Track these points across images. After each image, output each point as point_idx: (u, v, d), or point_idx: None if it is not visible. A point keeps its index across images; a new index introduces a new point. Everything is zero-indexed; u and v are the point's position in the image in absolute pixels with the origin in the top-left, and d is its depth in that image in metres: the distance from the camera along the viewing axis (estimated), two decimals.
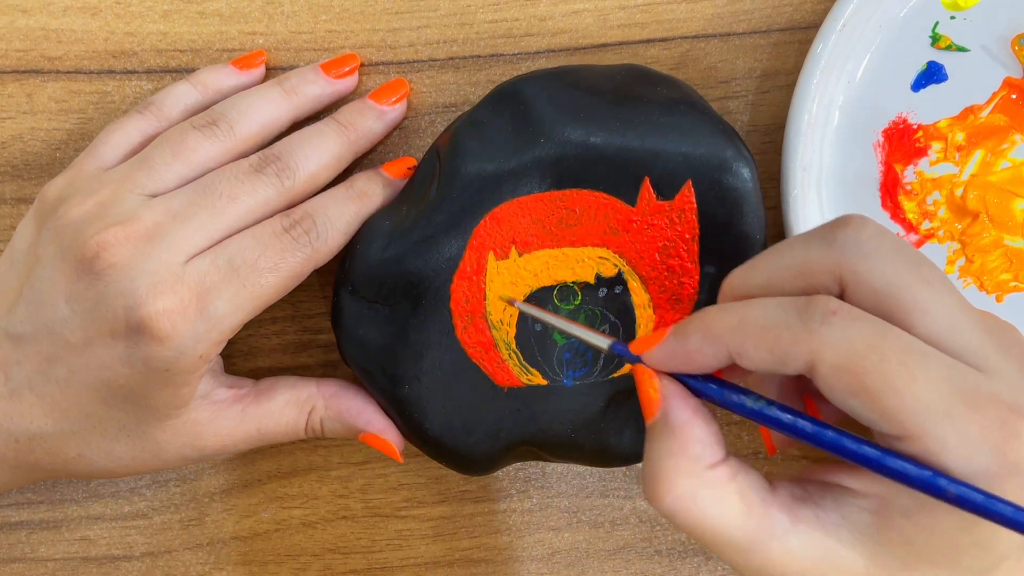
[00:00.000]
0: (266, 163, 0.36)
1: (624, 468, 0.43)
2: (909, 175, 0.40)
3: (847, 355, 0.26)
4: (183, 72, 0.41)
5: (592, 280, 0.37)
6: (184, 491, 0.43)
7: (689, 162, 0.36)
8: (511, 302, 0.36)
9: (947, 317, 0.27)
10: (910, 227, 0.40)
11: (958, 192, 0.40)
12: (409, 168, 0.39)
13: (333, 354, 0.42)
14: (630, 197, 0.36)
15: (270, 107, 0.38)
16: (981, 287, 0.40)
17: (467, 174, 0.36)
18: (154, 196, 0.36)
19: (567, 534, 0.43)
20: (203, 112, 0.38)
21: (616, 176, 0.36)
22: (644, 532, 0.43)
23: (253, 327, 0.42)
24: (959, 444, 0.26)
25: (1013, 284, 0.40)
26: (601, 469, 0.43)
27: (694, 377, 0.30)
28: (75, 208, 0.35)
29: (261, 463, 0.43)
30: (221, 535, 0.44)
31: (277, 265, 0.35)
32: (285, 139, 0.38)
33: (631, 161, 0.36)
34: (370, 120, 0.39)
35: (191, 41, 0.41)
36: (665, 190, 0.36)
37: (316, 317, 0.42)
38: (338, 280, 0.38)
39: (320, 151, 0.37)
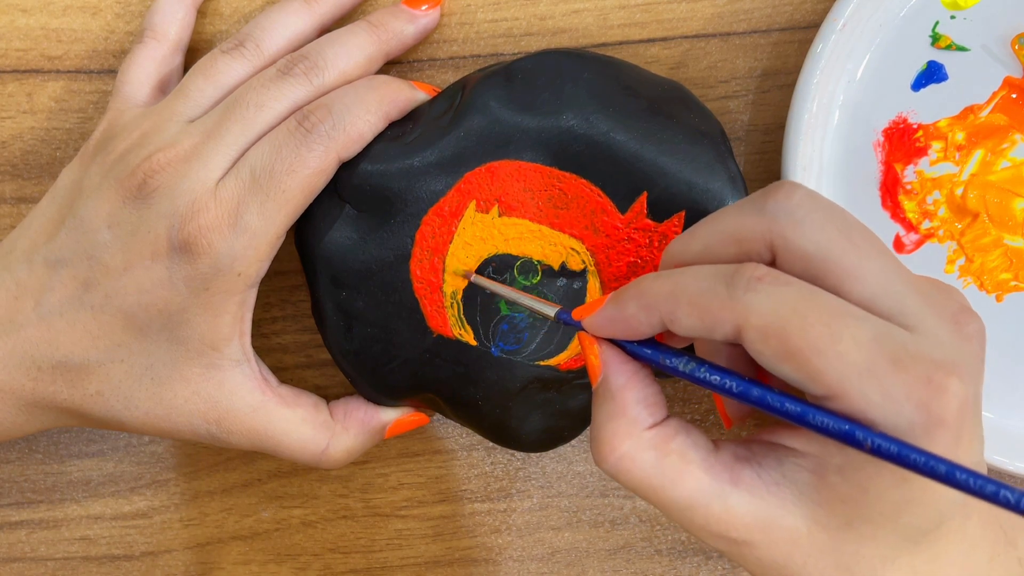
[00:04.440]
0: (292, 64, 0.36)
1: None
2: (909, 175, 0.40)
3: (772, 320, 0.27)
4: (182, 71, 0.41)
5: (556, 267, 0.37)
6: (184, 491, 0.43)
7: (690, 193, 0.36)
8: (466, 275, 0.36)
9: (877, 279, 0.28)
10: (910, 226, 0.40)
11: (958, 192, 0.40)
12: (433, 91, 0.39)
13: None
14: (623, 204, 0.36)
15: (293, 19, 0.38)
16: (981, 287, 0.40)
17: (481, 121, 0.36)
18: (190, 120, 0.36)
19: (567, 534, 0.43)
20: (232, 37, 0.38)
21: (619, 179, 0.36)
22: (644, 532, 0.43)
23: (253, 327, 0.42)
24: (884, 401, 0.26)
25: (1013, 284, 0.40)
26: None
27: (632, 341, 0.30)
28: (120, 143, 0.36)
29: (261, 463, 0.43)
30: (221, 535, 0.44)
31: (293, 166, 0.35)
32: (313, 41, 0.38)
33: (638, 171, 0.36)
34: (401, 22, 0.39)
35: (192, 40, 0.41)
36: (658, 212, 0.36)
37: None
38: None
39: (350, 49, 0.37)
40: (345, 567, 0.44)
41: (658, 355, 0.30)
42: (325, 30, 0.39)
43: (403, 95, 0.37)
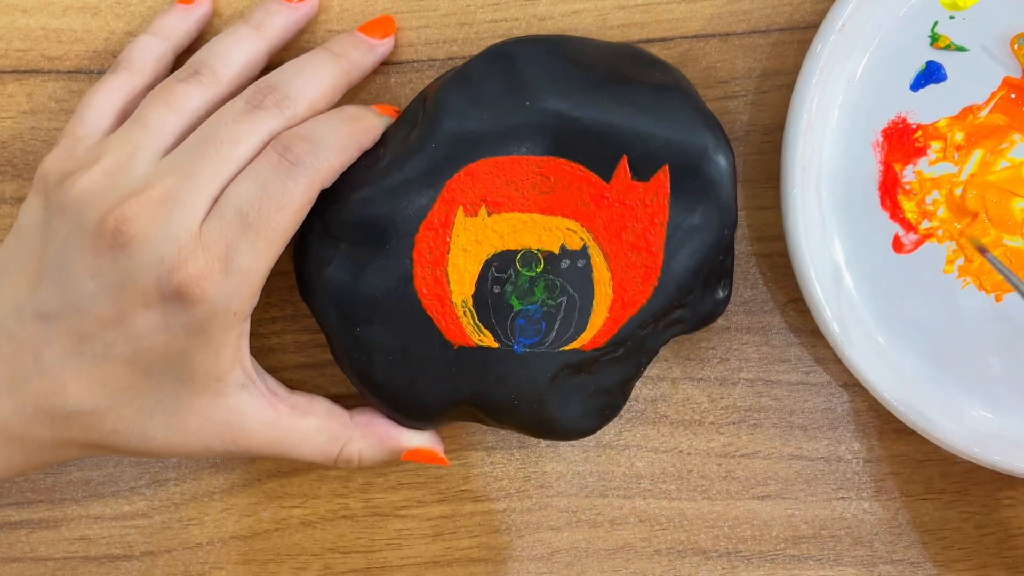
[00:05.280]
0: (263, 95, 0.36)
1: (624, 468, 0.43)
2: (908, 175, 0.40)
3: None
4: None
5: (557, 250, 0.37)
6: (184, 491, 0.44)
7: (669, 147, 0.36)
8: (982, 250, 0.35)
9: None
10: (909, 226, 0.40)
11: (957, 192, 0.40)
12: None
13: None
14: (606, 173, 0.37)
15: (244, 44, 0.38)
16: (980, 287, 0.40)
17: (449, 126, 0.36)
18: (156, 155, 0.35)
19: (567, 534, 0.43)
20: (184, 65, 0.38)
21: (596, 151, 0.36)
22: (643, 532, 0.43)
23: (253, 327, 0.42)
24: None
25: None
26: (599, 468, 0.43)
27: None
28: (81, 180, 0.35)
29: (261, 463, 0.43)
30: (221, 535, 0.44)
31: (281, 203, 0.34)
32: (278, 69, 0.37)
33: (613, 138, 0.36)
34: (362, 52, 0.39)
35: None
36: (642, 172, 0.36)
37: None
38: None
39: (316, 78, 0.37)
40: (345, 567, 0.44)
41: None
42: (275, 53, 0.39)
43: (372, 123, 0.37)
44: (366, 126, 0.37)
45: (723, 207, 0.37)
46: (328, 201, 0.37)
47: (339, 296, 0.37)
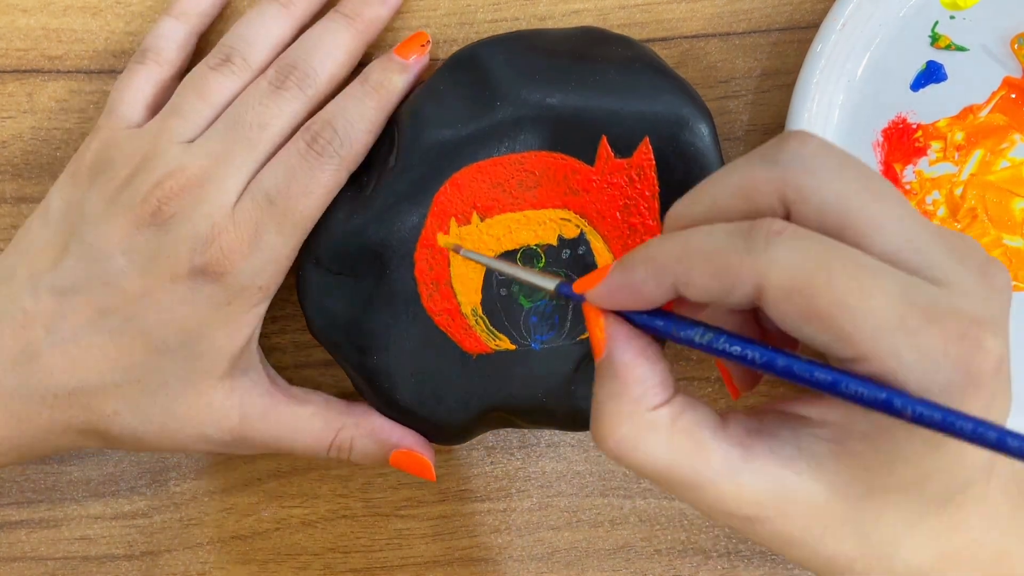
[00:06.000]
0: (285, 76, 0.37)
1: (624, 468, 0.43)
2: (908, 175, 0.40)
3: (795, 276, 0.25)
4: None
5: (555, 242, 0.37)
6: (184, 491, 0.44)
7: (646, 120, 0.36)
8: (455, 249, 0.35)
9: (900, 232, 0.26)
10: None
11: (957, 192, 0.40)
12: (423, 45, 0.39)
13: None
14: (589, 157, 0.37)
15: (273, 25, 0.39)
16: None
17: (426, 142, 0.36)
18: (190, 140, 0.37)
19: (567, 533, 0.43)
20: (214, 49, 0.38)
21: (574, 136, 0.37)
22: (644, 531, 0.43)
23: None
24: (917, 360, 0.25)
25: (1012, 284, 0.40)
26: (600, 468, 0.43)
27: (642, 313, 0.28)
28: (123, 168, 0.36)
29: (261, 462, 0.43)
30: (221, 534, 0.44)
31: (308, 188, 0.36)
32: (295, 44, 0.38)
33: (588, 121, 0.36)
34: (375, 8, 0.39)
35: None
36: (624, 148, 0.37)
37: None
38: (302, 252, 0.38)
39: (334, 48, 0.38)
40: (345, 567, 0.44)
41: (671, 326, 0.28)
42: (303, 29, 0.39)
43: (396, 86, 0.38)
44: (389, 91, 0.38)
45: (709, 167, 0.37)
46: (321, 237, 0.37)
47: (351, 330, 0.38)
